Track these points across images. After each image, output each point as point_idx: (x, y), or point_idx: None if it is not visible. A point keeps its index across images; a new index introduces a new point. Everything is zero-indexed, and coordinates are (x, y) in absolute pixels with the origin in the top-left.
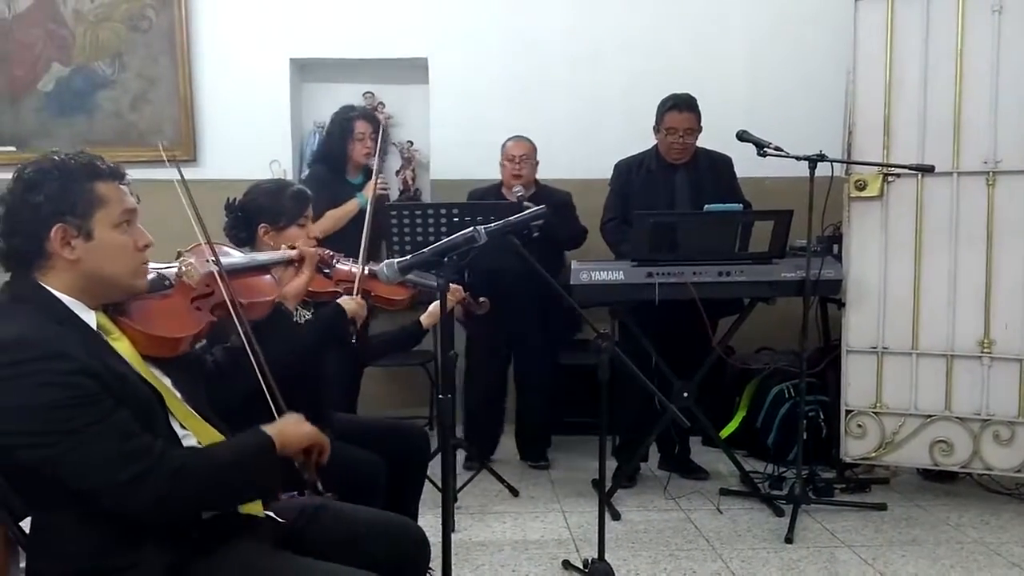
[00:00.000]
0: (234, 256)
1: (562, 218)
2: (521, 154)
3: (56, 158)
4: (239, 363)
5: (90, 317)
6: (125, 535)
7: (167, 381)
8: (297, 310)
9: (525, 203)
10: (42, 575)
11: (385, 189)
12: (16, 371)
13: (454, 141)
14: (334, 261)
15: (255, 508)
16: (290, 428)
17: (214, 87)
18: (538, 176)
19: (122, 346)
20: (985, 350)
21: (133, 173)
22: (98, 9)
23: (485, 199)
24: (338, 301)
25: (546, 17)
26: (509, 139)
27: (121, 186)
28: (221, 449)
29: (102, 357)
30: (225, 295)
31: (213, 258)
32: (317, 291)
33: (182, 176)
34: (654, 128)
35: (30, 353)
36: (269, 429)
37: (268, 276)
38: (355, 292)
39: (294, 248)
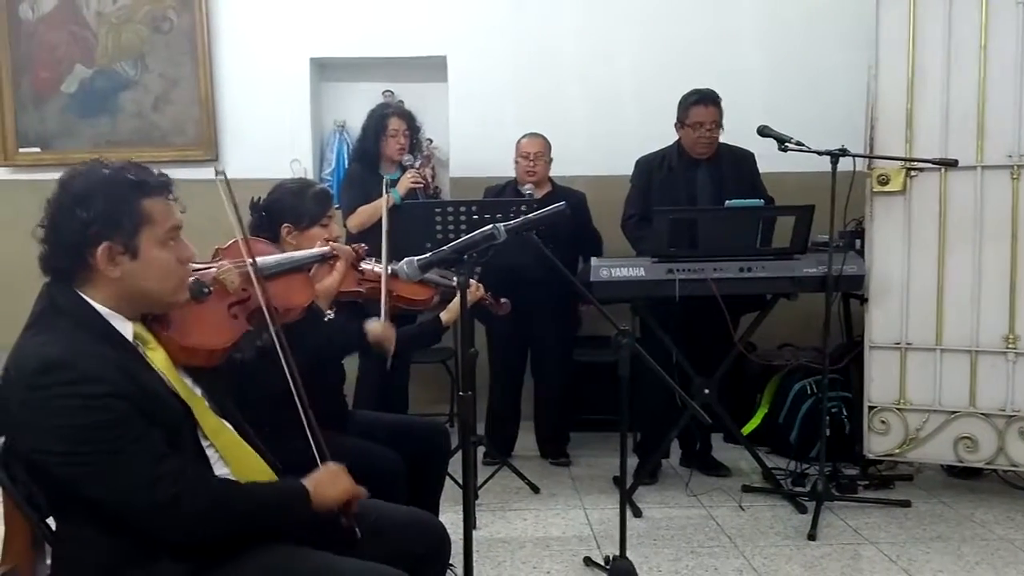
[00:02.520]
0: (270, 257)
1: (577, 221)
2: (535, 151)
3: (105, 171)
4: (268, 363)
5: (127, 328)
6: (143, 546)
7: (198, 391)
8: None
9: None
10: None
11: (418, 184)
12: (52, 392)
13: (473, 139)
14: (366, 258)
15: None
16: (326, 483)
17: (235, 87)
18: (557, 173)
19: (157, 356)
20: (1010, 345)
21: None
22: (120, 11)
23: (501, 197)
24: (365, 325)
25: (564, 14)
26: (523, 136)
27: (169, 200)
28: (257, 488)
29: (136, 374)
30: (261, 301)
31: (250, 260)
32: (341, 290)
33: (230, 190)
34: (676, 125)
35: (66, 375)
36: (307, 482)
37: (304, 277)
38: (381, 292)
39: (328, 245)
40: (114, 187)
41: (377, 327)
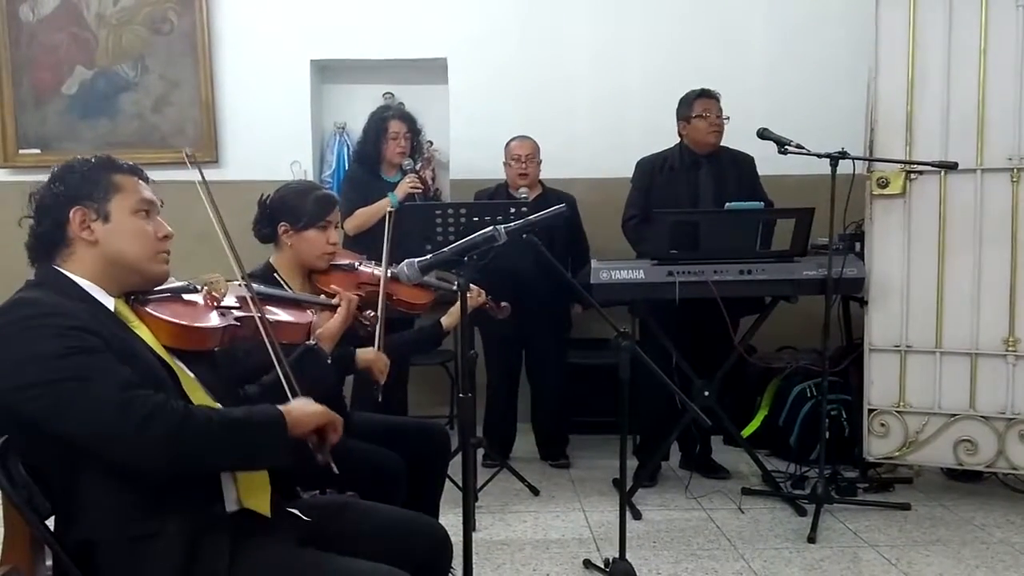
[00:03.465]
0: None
1: (570, 223)
2: (527, 154)
3: (79, 157)
4: (272, 399)
5: (108, 301)
6: (147, 503)
7: (188, 372)
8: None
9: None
10: (71, 545)
11: (417, 188)
12: (18, 326)
13: (473, 141)
14: (369, 314)
15: (262, 506)
16: (300, 407)
17: (235, 89)
18: (558, 175)
19: (142, 331)
20: (1010, 348)
21: (155, 175)
22: (120, 12)
23: (493, 199)
24: (356, 352)
25: (565, 16)
26: (512, 139)
27: (140, 180)
28: (230, 409)
29: (112, 329)
30: (253, 309)
31: (244, 282)
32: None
33: (213, 201)
34: (680, 124)
35: (30, 311)
36: (280, 406)
37: (300, 305)
38: (379, 295)
39: (335, 299)
40: (86, 164)
41: (369, 354)
